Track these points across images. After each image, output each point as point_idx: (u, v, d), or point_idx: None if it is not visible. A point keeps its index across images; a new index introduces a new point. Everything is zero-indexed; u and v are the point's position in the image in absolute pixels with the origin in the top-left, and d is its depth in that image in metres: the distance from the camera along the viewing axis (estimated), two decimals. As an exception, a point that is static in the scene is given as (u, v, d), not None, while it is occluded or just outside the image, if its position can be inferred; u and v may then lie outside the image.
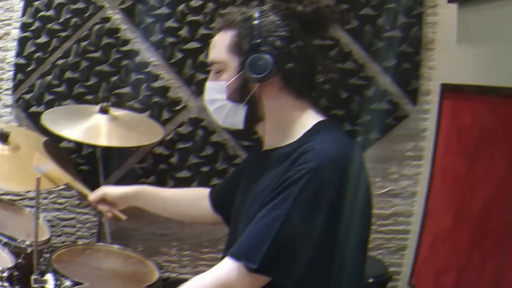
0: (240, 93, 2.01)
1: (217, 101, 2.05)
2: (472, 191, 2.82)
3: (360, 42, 3.42)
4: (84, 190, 2.82)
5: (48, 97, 3.56)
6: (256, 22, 1.98)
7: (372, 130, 3.46)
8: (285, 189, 1.84)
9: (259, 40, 1.96)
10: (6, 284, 2.42)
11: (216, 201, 2.51)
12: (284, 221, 1.81)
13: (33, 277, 2.23)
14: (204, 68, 3.43)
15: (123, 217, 2.72)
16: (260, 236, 1.84)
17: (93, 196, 2.70)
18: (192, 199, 2.60)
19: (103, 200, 2.68)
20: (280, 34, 1.97)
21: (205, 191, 2.58)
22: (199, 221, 2.67)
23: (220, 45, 2.04)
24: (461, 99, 3.05)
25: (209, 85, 2.09)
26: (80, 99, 3.53)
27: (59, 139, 3.34)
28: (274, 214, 1.83)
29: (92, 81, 3.52)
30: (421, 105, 3.47)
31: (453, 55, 3.19)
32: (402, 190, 3.54)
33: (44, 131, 3.30)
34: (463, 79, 3.02)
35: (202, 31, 3.44)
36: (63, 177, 2.91)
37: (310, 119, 2.02)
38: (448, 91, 3.20)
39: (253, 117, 2.04)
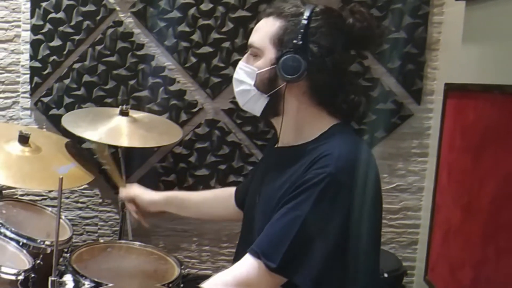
0: (267, 85, 2.02)
1: (244, 84, 2.06)
2: (479, 186, 2.82)
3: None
4: (121, 181, 2.93)
5: (67, 100, 3.59)
6: (304, 22, 1.97)
7: (378, 129, 3.51)
8: (304, 190, 1.87)
9: (300, 42, 1.95)
10: (20, 289, 2.44)
11: (239, 198, 2.55)
12: (303, 222, 1.84)
13: (50, 278, 2.22)
14: (217, 72, 3.51)
15: (146, 225, 2.86)
16: (279, 235, 1.87)
17: (124, 194, 2.79)
18: (222, 200, 2.66)
19: (133, 200, 2.79)
20: (321, 42, 1.96)
21: (231, 190, 2.64)
22: (228, 219, 2.77)
23: (264, 32, 2.04)
24: (465, 98, 3.05)
25: (241, 65, 2.09)
26: (99, 102, 3.58)
27: (80, 140, 3.36)
28: (293, 215, 1.86)
29: (111, 84, 3.57)
30: (425, 104, 3.52)
31: (457, 54, 3.19)
32: (410, 185, 3.59)
33: (64, 133, 3.34)
34: (467, 79, 3.02)
35: (214, 35, 3.49)
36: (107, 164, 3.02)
37: (326, 121, 2.04)
38: (452, 90, 3.21)
39: (272, 110, 2.06)
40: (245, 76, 2.06)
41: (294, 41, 1.97)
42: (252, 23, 3.33)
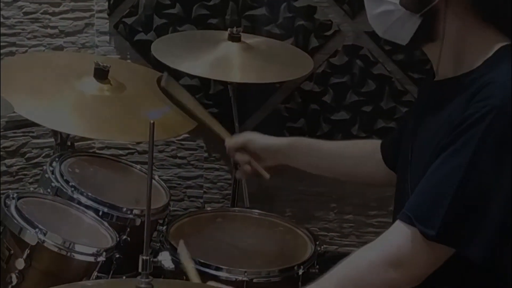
0: (419, 0, 1.86)
1: (385, 3, 1.89)
2: None
3: None
4: (222, 130, 2.72)
5: (158, 21, 3.35)
6: None
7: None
8: (464, 131, 1.73)
9: None
10: (100, 275, 2.35)
11: (388, 154, 2.36)
12: (466, 172, 1.70)
13: (141, 258, 1.91)
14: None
15: (267, 175, 2.57)
16: (436, 193, 1.74)
17: (232, 141, 2.59)
18: (363, 153, 2.48)
19: (243, 148, 2.57)
20: None
21: (377, 143, 2.47)
22: (372, 181, 2.58)
23: None
24: None
25: None
26: (201, 24, 3.34)
27: (178, 74, 3.11)
28: (453, 164, 1.73)
29: (216, 0, 3.31)
30: None
31: None
32: None
33: (155, 65, 3.20)
34: None
35: None
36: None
37: (491, 43, 1.87)
38: None
39: (426, 34, 1.90)
40: None
41: None
42: None
